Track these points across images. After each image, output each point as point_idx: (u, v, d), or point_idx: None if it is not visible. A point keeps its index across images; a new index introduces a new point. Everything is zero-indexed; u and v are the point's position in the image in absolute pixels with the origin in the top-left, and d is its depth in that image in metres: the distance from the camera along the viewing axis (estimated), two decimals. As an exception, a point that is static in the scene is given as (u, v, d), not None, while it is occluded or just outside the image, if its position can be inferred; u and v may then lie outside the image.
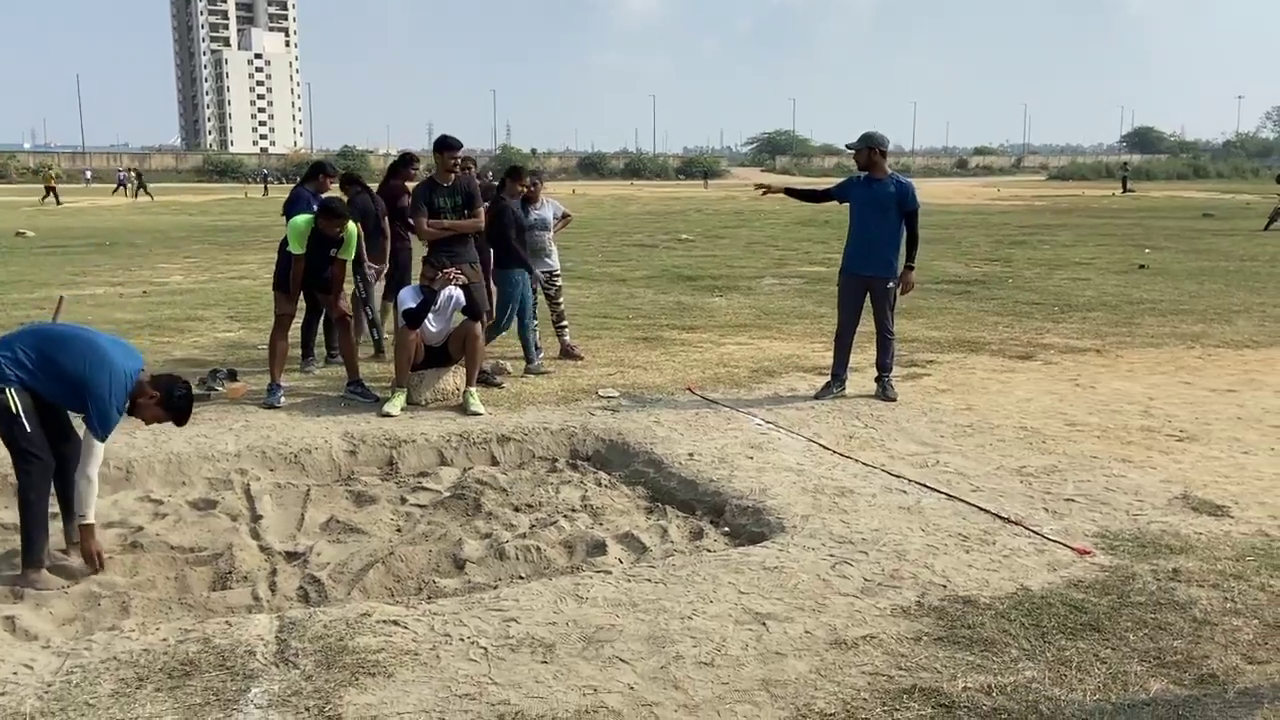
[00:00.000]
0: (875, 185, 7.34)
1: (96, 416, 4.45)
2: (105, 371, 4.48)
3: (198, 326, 10.83)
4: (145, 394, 4.63)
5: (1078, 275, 15.49)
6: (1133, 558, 4.49)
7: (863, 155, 7.33)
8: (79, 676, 3.42)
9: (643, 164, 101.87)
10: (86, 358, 4.50)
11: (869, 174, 7.36)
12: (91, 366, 4.48)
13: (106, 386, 4.46)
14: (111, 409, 4.47)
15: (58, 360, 4.50)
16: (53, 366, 4.50)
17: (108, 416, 4.47)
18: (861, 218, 7.38)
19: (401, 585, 4.57)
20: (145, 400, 4.63)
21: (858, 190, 7.40)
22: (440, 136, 8.03)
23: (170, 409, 4.67)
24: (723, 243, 22.28)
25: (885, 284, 7.40)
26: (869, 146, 7.33)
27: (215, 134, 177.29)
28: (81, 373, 4.47)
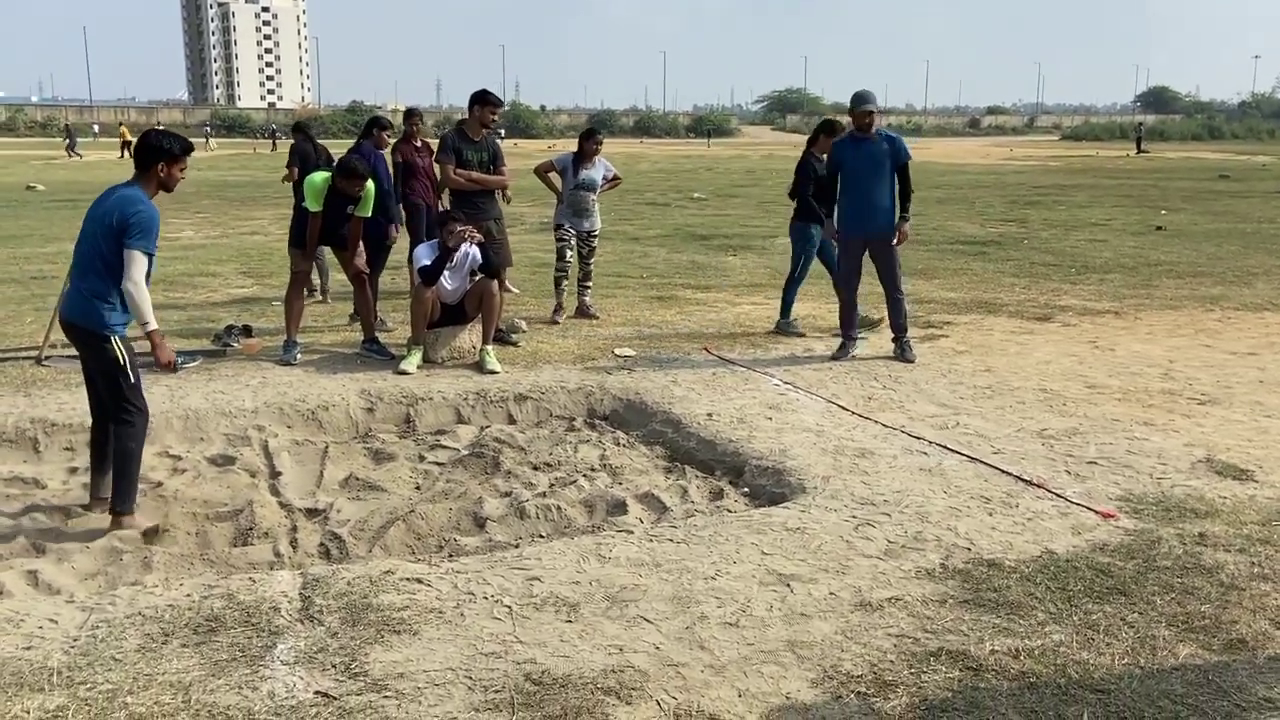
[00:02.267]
0: (866, 145, 7.29)
1: (143, 236, 4.39)
2: (138, 203, 4.43)
3: (211, 282, 10.81)
4: (158, 174, 4.50)
5: (1094, 236, 15.36)
6: (1158, 521, 4.46)
7: (869, 118, 7.26)
8: (104, 631, 3.42)
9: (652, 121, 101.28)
10: (110, 235, 4.41)
11: (855, 134, 7.35)
12: (128, 233, 4.38)
13: (142, 210, 4.41)
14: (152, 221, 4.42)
15: (109, 258, 4.42)
16: (115, 268, 4.42)
17: (151, 231, 4.42)
18: (856, 179, 7.31)
19: (422, 543, 4.57)
20: (165, 175, 4.51)
21: (847, 153, 7.36)
22: (481, 90, 7.97)
23: (176, 154, 4.52)
24: (735, 201, 22.14)
25: (888, 243, 7.35)
26: (874, 109, 7.32)
27: (223, 88, 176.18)
28: (116, 243, 4.39)
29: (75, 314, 4.53)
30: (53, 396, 6.16)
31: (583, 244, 8.85)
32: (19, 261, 12.05)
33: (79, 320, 4.51)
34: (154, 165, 4.50)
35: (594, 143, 8.73)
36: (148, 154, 4.51)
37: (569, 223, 8.76)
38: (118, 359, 4.51)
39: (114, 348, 4.50)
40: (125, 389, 4.56)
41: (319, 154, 10.00)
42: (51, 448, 5.59)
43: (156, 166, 4.50)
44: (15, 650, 3.28)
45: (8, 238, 14.46)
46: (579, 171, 8.61)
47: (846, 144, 7.39)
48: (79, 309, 4.51)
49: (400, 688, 3.10)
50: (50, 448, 5.59)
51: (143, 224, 4.40)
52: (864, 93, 7.33)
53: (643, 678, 3.18)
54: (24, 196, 22.07)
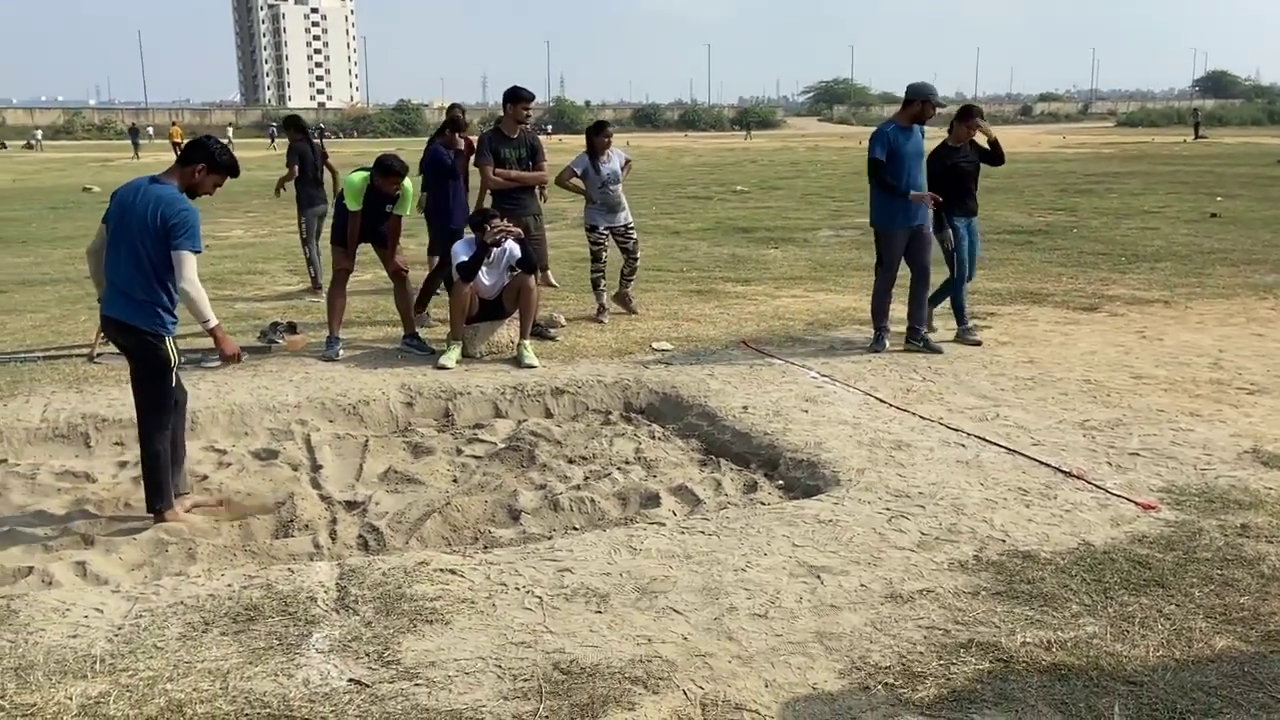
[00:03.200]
0: (915, 134, 7.30)
1: (189, 237, 4.44)
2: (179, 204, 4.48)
3: (258, 280, 10.99)
4: (192, 175, 4.56)
5: (1146, 224, 15.07)
6: (1199, 513, 4.38)
7: (934, 111, 7.26)
8: (147, 620, 3.51)
9: (697, 115, 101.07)
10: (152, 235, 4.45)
11: (900, 124, 7.26)
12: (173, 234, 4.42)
13: (184, 209, 4.46)
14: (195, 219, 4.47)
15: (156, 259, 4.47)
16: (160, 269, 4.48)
17: (196, 229, 4.46)
18: (909, 168, 7.22)
19: (458, 535, 4.63)
20: (198, 179, 4.57)
21: (901, 141, 7.22)
22: (512, 87, 8.03)
23: (220, 166, 4.59)
24: (778, 194, 22.02)
25: (928, 230, 7.36)
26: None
27: (273, 89, 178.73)
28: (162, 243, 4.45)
29: (125, 314, 4.53)
30: (104, 393, 6.32)
31: (623, 239, 8.69)
32: (74, 262, 12.35)
33: (131, 320, 4.53)
34: (194, 165, 4.55)
35: (604, 135, 8.57)
36: (197, 151, 4.58)
37: (603, 222, 8.61)
38: (168, 360, 4.60)
39: (167, 349, 4.59)
40: (165, 389, 4.64)
41: (317, 153, 10.32)
42: (102, 443, 5.74)
43: (196, 166, 4.55)
44: (61, 639, 3.38)
45: (64, 239, 14.83)
46: (600, 168, 8.51)
47: (898, 132, 7.25)
48: (129, 310, 4.52)
49: (431, 676, 3.15)
50: (101, 443, 5.73)
51: (188, 224, 4.43)
52: (930, 86, 7.30)
53: (670, 668, 3.20)
54: (80, 198, 22.60)
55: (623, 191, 8.71)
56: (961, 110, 7.78)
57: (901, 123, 7.28)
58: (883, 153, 7.20)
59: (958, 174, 7.54)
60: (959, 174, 7.54)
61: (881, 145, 7.20)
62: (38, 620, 3.50)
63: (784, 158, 38.54)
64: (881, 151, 7.21)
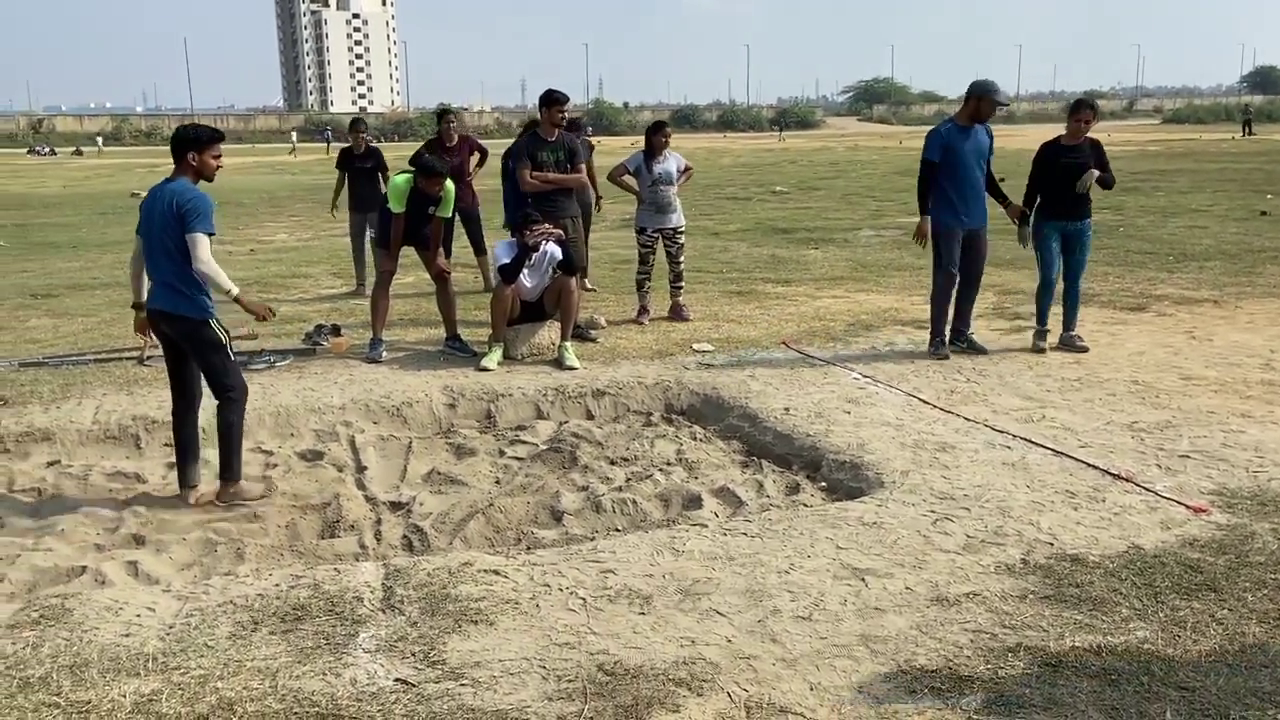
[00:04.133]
0: (975, 133, 7.07)
1: (199, 220, 4.70)
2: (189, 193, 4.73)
3: (302, 283, 11.12)
4: (190, 164, 4.80)
5: (1194, 223, 14.82)
6: (1252, 516, 4.30)
7: (995, 110, 7.02)
8: (198, 619, 3.57)
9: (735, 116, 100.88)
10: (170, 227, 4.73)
11: (959, 123, 7.05)
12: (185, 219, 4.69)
13: (193, 196, 4.73)
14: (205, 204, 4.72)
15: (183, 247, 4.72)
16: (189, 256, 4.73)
17: (208, 213, 4.72)
18: (966, 167, 7.01)
19: (501, 536, 4.65)
20: (198, 163, 4.81)
21: (958, 141, 7.00)
22: (546, 91, 8.07)
23: (202, 142, 4.81)
24: (818, 194, 21.92)
25: (985, 233, 7.21)
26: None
27: (316, 94, 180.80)
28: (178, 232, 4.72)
29: (170, 305, 4.82)
30: (153, 395, 6.42)
31: (669, 243, 8.65)
32: (123, 266, 12.53)
33: (175, 310, 4.81)
34: (185, 155, 4.81)
35: (662, 135, 8.60)
36: (177, 145, 4.85)
37: (651, 224, 8.60)
38: (218, 339, 4.89)
39: (214, 330, 4.87)
40: (226, 367, 4.93)
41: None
42: (152, 444, 5.83)
43: (188, 156, 4.81)
44: (114, 637, 3.44)
45: (113, 243, 15.08)
46: (653, 167, 8.53)
47: (955, 132, 7.01)
48: (171, 300, 4.81)
49: (476, 676, 3.18)
50: (151, 444, 5.83)
51: (198, 208, 4.71)
52: (989, 82, 7.03)
53: (714, 669, 3.20)
54: (129, 204, 22.96)
55: (676, 196, 8.66)
56: (1074, 105, 7.23)
57: (960, 121, 7.05)
58: (936, 154, 6.96)
59: (1065, 174, 7.02)
60: (1066, 175, 7.02)
61: (935, 146, 6.97)
62: (91, 619, 3.57)
63: (823, 158, 38.34)
64: (935, 153, 6.96)
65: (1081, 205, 7.10)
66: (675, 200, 8.64)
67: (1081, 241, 7.23)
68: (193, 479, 5.03)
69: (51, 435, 5.79)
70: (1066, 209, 7.10)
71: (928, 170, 6.98)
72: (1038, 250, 7.28)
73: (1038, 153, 7.23)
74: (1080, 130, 7.05)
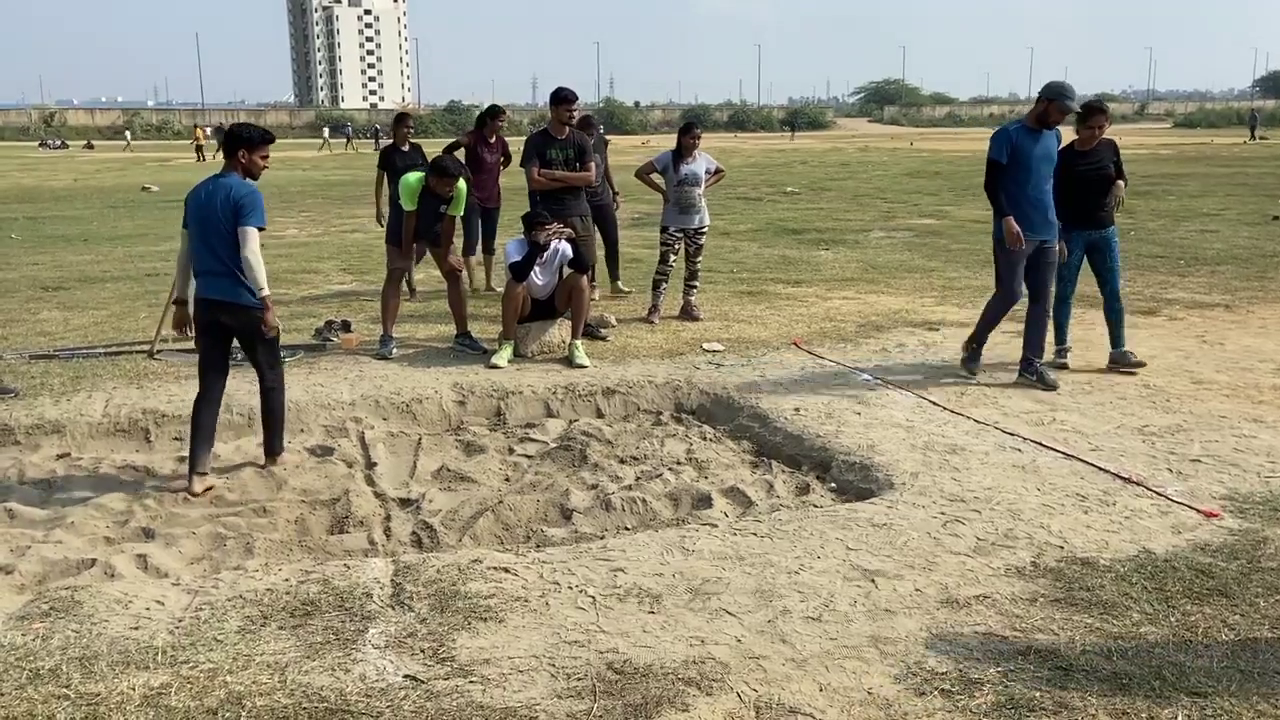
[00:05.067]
0: (1045, 137, 6.40)
1: (253, 214, 4.98)
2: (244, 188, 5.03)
3: (313, 279, 11.13)
4: (240, 161, 5.06)
5: (1205, 227, 14.77)
6: (1264, 521, 4.28)
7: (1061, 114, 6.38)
8: (207, 613, 3.57)
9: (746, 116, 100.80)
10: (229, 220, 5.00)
11: (1028, 124, 6.38)
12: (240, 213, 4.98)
13: (249, 191, 5.01)
14: (258, 199, 5.02)
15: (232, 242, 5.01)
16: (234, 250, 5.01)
17: (260, 208, 5.02)
18: (1034, 173, 6.34)
19: (510, 533, 4.65)
20: (247, 161, 5.07)
21: (1027, 143, 6.33)
22: (556, 89, 8.07)
23: (255, 142, 5.08)
24: (829, 195, 21.88)
25: (1054, 249, 6.54)
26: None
27: (327, 90, 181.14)
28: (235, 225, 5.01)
29: (232, 295, 5.07)
30: (163, 389, 6.44)
31: (690, 242, 8.67)
32: (134, 260, 12.61)
33: (231, 298, 5.07)
34: (236, 152, 5.05)
35: (692, 136, 8.61)
36: (230, 141, 5.11)
37: (674, 224, 8.61)
38: (278, 325, 5.21)
39: (272, 315, 5.16)
40: (277, 354, 5.29)
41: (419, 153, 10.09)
42: (162, 438, 5.84)
43: (239, 154, 5.04)
44: (124, 630, 3.45)
45: (124, 237, 15.13)
46: (680, 167, 8.52)
47: (1024, 133, 6.36)
48: (230, 290, 5.06)
49: (486, 673, 3.17)
50: (161, 438, 5.84)
51: (252, 203, 4.99)
52: (1063, 85, 6.42)
53: (723, 669, 3.20)
54: (140, 197, 23.07)
55: (702, 197, 8.66)
56: (1083, 108, 6.64)
57: (1029, 123, 6.38)
58: (1003, 154, 6.31)
59: (1081, 182, 6.66)
60: (1083, 182, 6.67)
61: (1003, 146, 6.31)
62: (101, 611, 3.57)
63: (834, 158, 38.28)
64: (1002, 153, 6.31)
65: (1104, 213, 6.77)
66: (700, 201, 8.64)
67: (1109, 249, 6.86)
68: (203, 466, 5.13)
69: (62, 428, 5.81)
70: (1088, 218, 6.75)
71: (994, 171, 6.37)
72: (1064, 262, 6.82)
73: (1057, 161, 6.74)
74: (1094, 137, 6.71)
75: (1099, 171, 6.73)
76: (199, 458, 5.12)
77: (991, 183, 6.39)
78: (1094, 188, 6.72)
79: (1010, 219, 6.28)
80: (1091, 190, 6.72)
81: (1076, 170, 6.69)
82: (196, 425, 5.15)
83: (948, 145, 49.53)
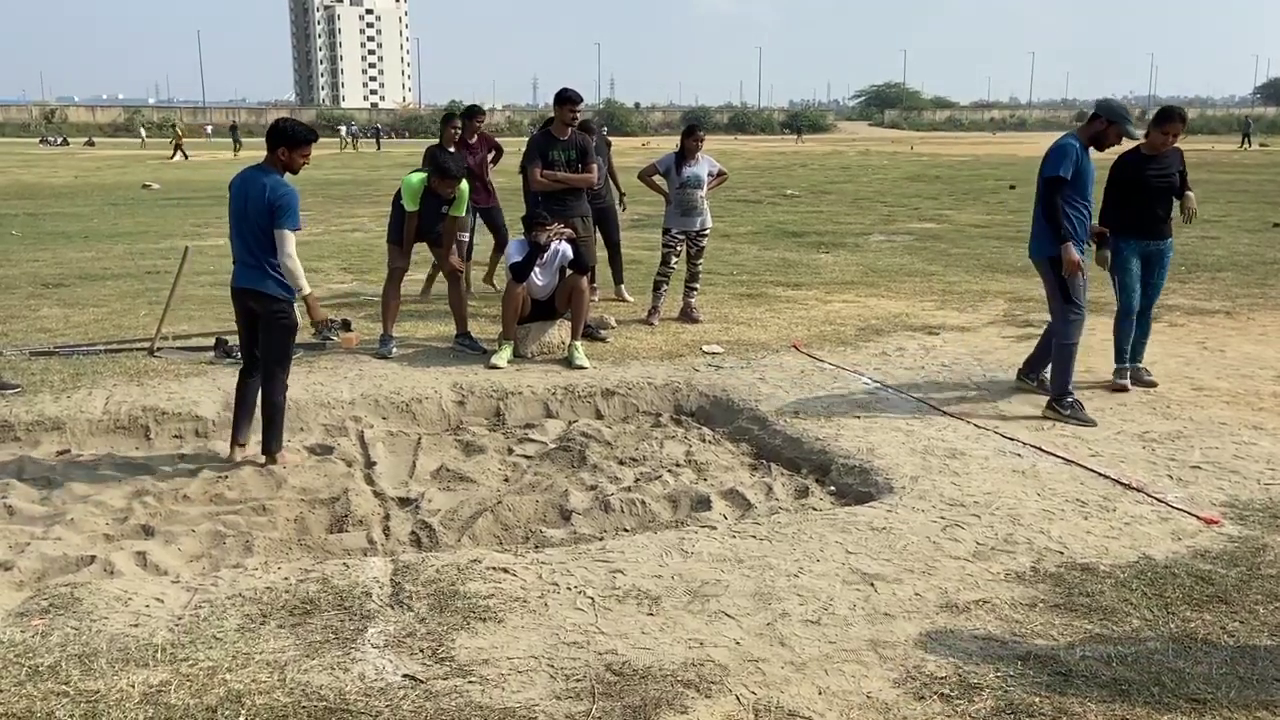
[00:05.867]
0: (1089, 154, 6.07)
1: (289, 217, 5.06)
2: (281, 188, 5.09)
3: (313, 278, 11.03)
4: (280, 157, 5.14)
5: (1206, 234, 14.77)
6: (1264, 528, 4.29)
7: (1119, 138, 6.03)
8: (207, 611, 3.57)
9: (747, 118, 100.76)
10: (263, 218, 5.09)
11: (1082, 139, 5.97)
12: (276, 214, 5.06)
13: (285, 193, 5.08)
14: (294, 200, 5.09)
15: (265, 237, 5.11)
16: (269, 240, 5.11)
17: (295, 210, 5.10)
18: (1088, 193, 6.01)
19: (509, 534, 4.65)
20: (287, 159, 5.14)
21: (1086, 162, 5.98)
22: (561, 90, 8.05)
23: (297, 140, 5.14)
24: (829, 198, 21.89)
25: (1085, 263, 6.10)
26: None
27: (328, 89, 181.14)
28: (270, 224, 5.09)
29: (257, 283, 5.20)
30: (163, 386, 6.44)
31: (691, 244, 8.69)
32: (134, 257, 12.60)
33: (262, 288, 5.20)
34: (277, 149, 5.11)
35: (695, 139, 8.62)
36: (274, 137, 5.15)
37: (676, 226, 8.61)
38: (292, 323, 5.31)
39: (294, 313, 5.31)
40: (290, 348, 5.36)
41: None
42: (162, 435, 5.84)
43: (279, 150, 5.11)
44: (123, 627, 3.45)
45: (124, 234, 15.12)
46: (682, 169, 8.53)
47: (1082, 150, 5.95)
48: (259, 280, 5.19)
49: (485, 673, 3.17)
50: (160, 435, 5.84)
51: (289, 205, 5.08)
52: (1123, 108, 6.09)
53: (722, 672, 3.19)
54: (140, 195, 23.05)
55: (704, 199, 8.67)
56: (1160, 113, 6.44)
57: (1083, 139, 5.95)
58: (1070, 171, 5.86)
59: (1149, 190, 6.40)
60: (1150, 190, 6.40)
61: (1069, 162, 5.86)
62: (100, 609, 3.57)
63: (834, 161, 38.29)
64: (1068, 169, 5.86)
65: (1164, 223, 6.45)
66: (702, 203, 8.66)
67: (1162, 263, 6.59)
68: (242, 437, 5.44)
69: (62, 424, 5.80)
70: (1149, 227, 6.43)
71: (1058, 188, 5.89)
72: (1116, 274, 6.55)
73: (1115, 165, 6.55)
74: (1167, 143, 6.40)
75: (1167, 180, 6.45)
76: (238, 428, 5.45)
77: (1053, 200, 5.91)
78: (1159, 196, 6.45)
79: (1070, 245, 5.87)
80: (1157, 199, 6.44)
81: (1146, 176, 6.39)
82: (238, 398, 5.46)
83: (948, 149, 49.54)
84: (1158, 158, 6.45)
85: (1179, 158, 6.56)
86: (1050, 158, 5.97)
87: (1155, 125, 6.41)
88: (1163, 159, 6.47)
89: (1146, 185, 6.41)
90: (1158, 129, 6.39)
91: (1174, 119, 6.40)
